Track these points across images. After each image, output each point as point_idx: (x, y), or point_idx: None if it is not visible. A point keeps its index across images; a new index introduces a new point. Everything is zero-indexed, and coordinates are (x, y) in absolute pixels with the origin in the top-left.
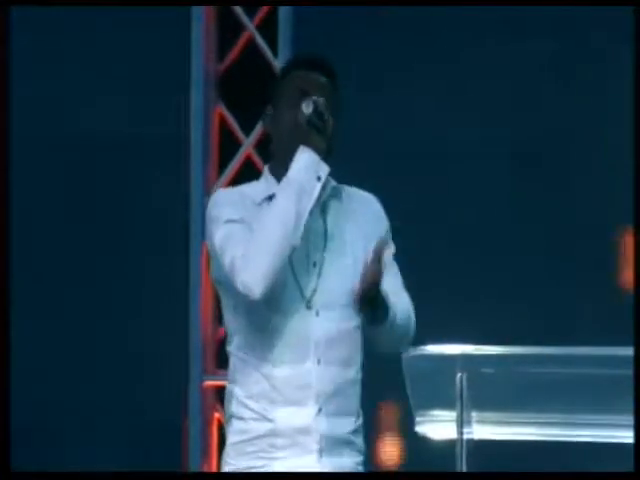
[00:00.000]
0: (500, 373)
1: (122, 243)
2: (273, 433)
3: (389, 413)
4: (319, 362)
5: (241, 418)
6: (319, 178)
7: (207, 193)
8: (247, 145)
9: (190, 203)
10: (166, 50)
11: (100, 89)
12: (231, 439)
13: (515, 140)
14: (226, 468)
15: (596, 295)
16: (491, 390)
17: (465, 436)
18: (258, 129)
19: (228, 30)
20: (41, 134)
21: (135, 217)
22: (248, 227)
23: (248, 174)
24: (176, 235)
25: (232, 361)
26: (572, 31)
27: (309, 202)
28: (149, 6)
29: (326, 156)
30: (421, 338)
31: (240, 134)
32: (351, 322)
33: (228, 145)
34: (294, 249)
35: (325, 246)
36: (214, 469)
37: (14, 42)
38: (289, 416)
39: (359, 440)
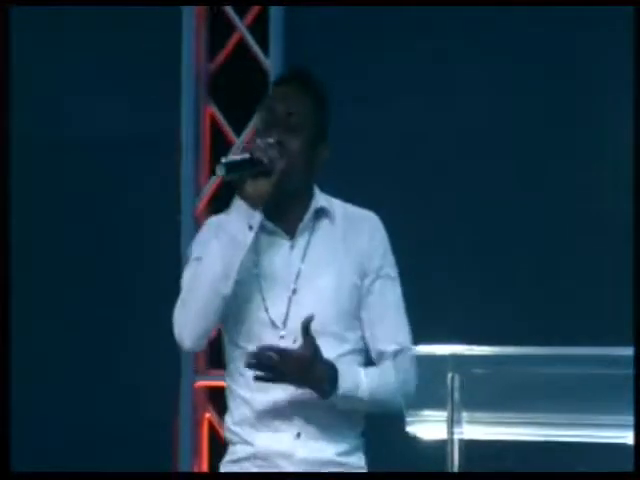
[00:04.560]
0: (491, 373)
1: (113, 244)
2: (254, 456)
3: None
4: (296, 389)
5: (231, 442)
6: (251, 227)
7: (198, 194)
8: (238, 145)
9: (181, 204)
10: (157, 50)
11: (90, 89)
12: (224, 459)
13: (510, 139)
14: None
15: (596, 295)
16: (482, 390)
17: (456, 436)
18: (249, 129)
19: (219, 30)
20: (37, 134)
21: (126, 218)
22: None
23: None
24: (167, 236)
25: (225, 391)
26: (572, 30)
27: (241, 251)
28: (140, 6)
29: (282, 181)
30: (413, 338)
31: (231, 134)
32: (332, 350)
33: (219, 145)
34: (224, 298)
35: (300, 272)
36: (204, 469)
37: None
38: (268, 440)
39: (353, 460)
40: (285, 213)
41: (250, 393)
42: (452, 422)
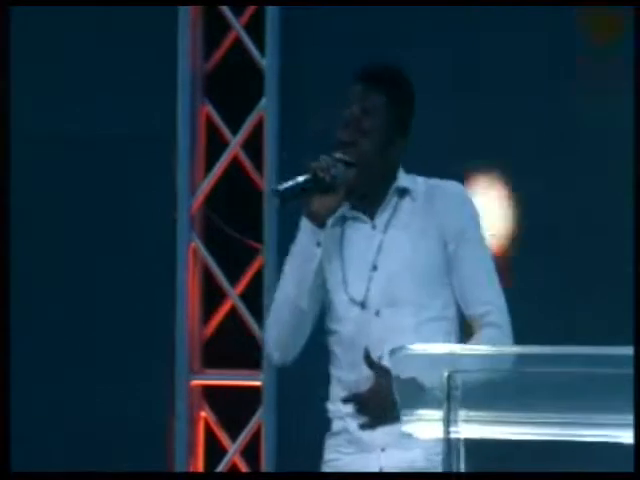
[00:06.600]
0: (487, 372)
1: (108, 243)
2: (345, 430)
3: None
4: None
5: (329, 417)
6: (319, 244)
7: (193, 193)
8: (234, 145)
9: (177, 203)
10: (152, 49)
11: (86, 89)
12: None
13: (511, 137)
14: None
15: (596, 295)
16: (478, 389)
17: (452, 435)
18: (245, 129)
19: (215, 29)
20: (36, 133)
21: (121, 217)
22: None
23: (235, 174)
24: (163, 235)
25: None
26: (572, 30)
27: (311, 267)
28: (136, 6)
29: (356, 189)
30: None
31: (227, 133)
32: (412, 317)
33: (215, 145)
34: (303, 311)
35: (380, 249)
36: (200, 469)
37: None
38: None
39: None
40: (367, 199)
41: (341, 372)
42: (448, 421)
